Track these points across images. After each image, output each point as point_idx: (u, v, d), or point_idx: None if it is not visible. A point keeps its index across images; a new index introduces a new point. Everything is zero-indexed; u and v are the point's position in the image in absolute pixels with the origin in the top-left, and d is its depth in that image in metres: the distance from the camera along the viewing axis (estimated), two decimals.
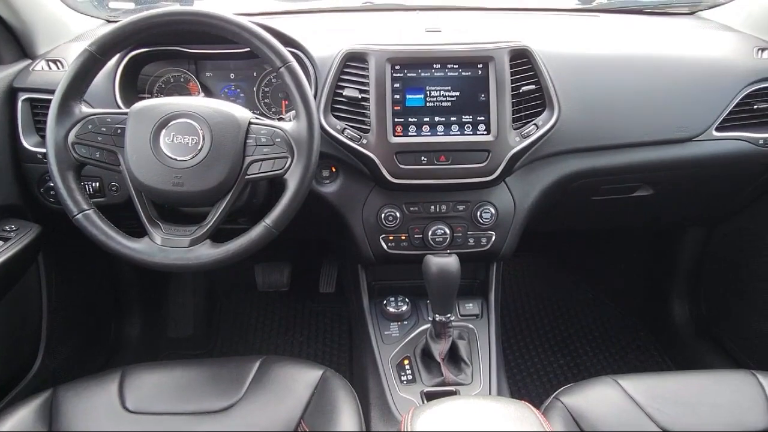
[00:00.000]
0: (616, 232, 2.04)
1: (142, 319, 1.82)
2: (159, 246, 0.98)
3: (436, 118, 1.17)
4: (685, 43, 1.42)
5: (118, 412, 0.97)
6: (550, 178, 1.28)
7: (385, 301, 1.34)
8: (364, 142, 1.15)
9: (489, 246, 1.26)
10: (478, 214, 1.23)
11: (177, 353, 1.88)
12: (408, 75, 1.16)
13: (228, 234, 1.01)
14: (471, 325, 1.31)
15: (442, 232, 1.23)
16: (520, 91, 1.16)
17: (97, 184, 1.20)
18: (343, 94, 1.16)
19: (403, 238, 1.25)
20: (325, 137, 1.15)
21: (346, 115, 1.17)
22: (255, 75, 1.32)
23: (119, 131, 0.99)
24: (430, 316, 1.21)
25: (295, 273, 2.10)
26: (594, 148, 1.27)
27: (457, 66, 1.16)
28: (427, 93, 1.16)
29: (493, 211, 1.23)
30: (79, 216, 0.97)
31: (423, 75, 1.16)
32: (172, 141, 0.97)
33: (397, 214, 1.23)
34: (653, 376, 1.10)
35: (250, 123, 1.00)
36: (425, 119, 1.17)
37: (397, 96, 1.15)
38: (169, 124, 0.98)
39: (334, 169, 1.24)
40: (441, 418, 0.77)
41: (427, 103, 1.16)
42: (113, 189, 1.20)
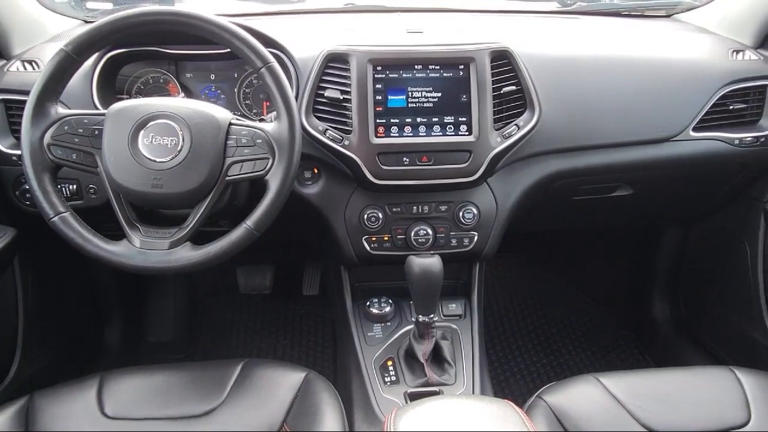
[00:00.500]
0: (597, 233, 2.07)
1: (122, 323, 1.80)
2: (138, 249, 0.96)
3: (418, 119, 1.17)
4: (663, 45, 1.44)
5: (96, 418, 0.96)
6: (532, 179, 1.29)
7: (368, 303, 1.34)
8: (346, 143, 1.15)
9: (471, 246, 1.26)
10: (461, 214, 1.23)
11: (158, 358, 1.86)
12: (390, 76, 1.16)
13: (209, 236, 1.00)
14: (454, 326, 1.31)
15: (425, 232, 1.23)
16: (501, 92, 1.17)
17: (75, 186, 1.18)
18: (325, 95, 1.15)
19: (385, 239, 1.24)
20: (307, 138, 1.15)
21: (328, 116, 1.17)
22: (236, 76, 1.31)
23: (97, 132, 0.97)
24: (413, 317, 1.21)
25: (277, 275, 2.08)
26: (574, 149, 1.28)
27: (438, 67, 1.16)
28: (409, 94, 1.16)
29: (475, 211, 1.24)
30: (55, 219, 0.96)
31: (405, 76, 1.16)
32: (151, 142, 0.96)
33: (380, 215, 1.22)
34: (634, 374, 1.12)
35: (231, 124, 0.99)
36: (407, 120, 1.17)
37: (379, 97, 1.15)
38: (148, 125, 0.97)
39: (316, 171, 1.24)
40: (423, 417, 0.77)
41: (409, 104, 1.17)
42: (91, 191, 1.18)
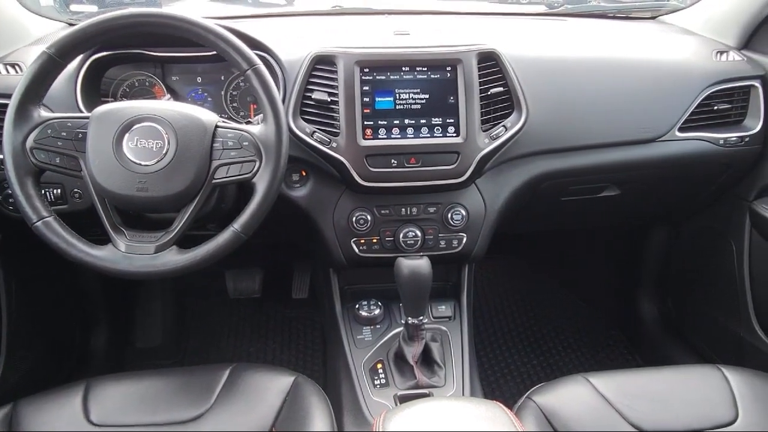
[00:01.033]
0: (586, 234, 2.08)
1: (109, 329, 1.78)
2: (123, 253, 0.95)
3: (406, 121, 1.17)
4: (649, 47, 1.45)
5: (82, 426, 0.94)
6: (520, 179, 1.29)
7: (357, 305, 1.33)
8: (334, 145, 1.15)
9: (460, 248, 1.26)
10: (449, 216, 1.23)
11: (145, 363, 1.84)
12: (377, 78, 1.16)
13: (196, 240, 1.00)
14: (444, 327, 1.31)
15: (414, 234, 1.23)
16: (489, 93, 1.17)
17: (59, 190, 1.17)
18: (312, 97, 1.15)
19: (374, 241, 1.24)
20: (295, 141, 1.14)
21: (316, 118, 1.16)
22: (222, 79, 1.30)
23: (80, 136, 0.96)
24: (402, 319, 1.20)
25: (266, 279, 2.07)
26: (562, 150, 1.29)
27: (425, 69, 1.16)
28: (397, 95, 1.16)
29: (463, 212, 1.24)
30: (38, 223, 0.94)
31: (392, 78, 1.16)
32: (136, 145, 0.95)
33: (368, 217, 1.22)
34: (623, 373, 1.12)
35: (217, 126, 0.98)
36: (395, 122, 1.16)
37: (367, 99, 1.15)
38: (133, 127, 0.96)
39: (304, 173, 1.23)
40: (412, 420, 0.77)
41: (397, 106, 1.16)
42: (75, 195, 1.17)
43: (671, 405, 1.01)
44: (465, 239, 1.26)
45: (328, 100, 1.14)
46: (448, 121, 1.17)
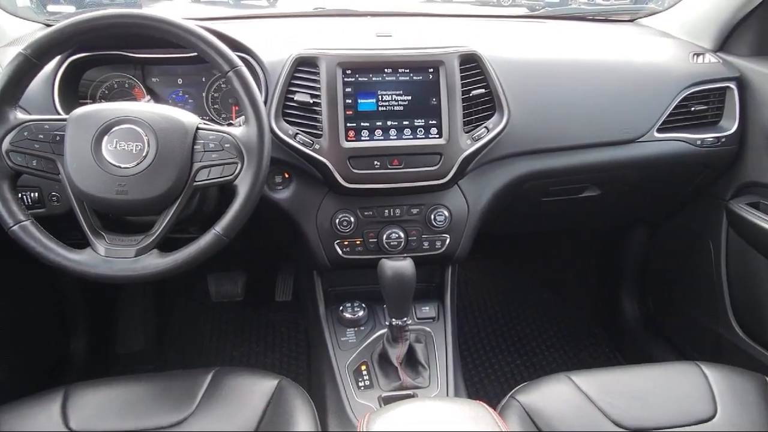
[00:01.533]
0: (568, 234, 2.10)
1: (89, 334, 1.75)
2: (103, 257, 0.94)
3: (389, 122, 1.17)
4: (627, 49, 1.47)
5: None
6: (502, 180, 1.30)
7: (341, 307, 1.33)
8: (317, 147, 1.15)
9: (443, 249, 1.27)
10: (432, 217, 1.24)
11: (126, 369, 1.81)
12: (359, 79, 1.16)
13: (178, 243, 0.98)
14: (428, 328, 1.31)
15: (397, 235, 1.23)
16: (471, 95, 1.18)
17: (36, 194, 1.14)
18: (295, 98, 1.14)
19: (357, 242, 1.24)
20: (277, 143, 1.14)
21: (298, 120, 1.16)
22: (204, 80, 1.29)
23: (58, 138, 0.95)
24: (386, 321, 1.20)
25: (250, 282, 2.06)
26: (543, 150, 1.30)
27: (408, 70, 1.17)
28: (379, 97, 1.16)
29: (446, 213, 1.24)
30: (15, 227, 0.93)
31: (374, 79, 1.16)
32: (115, 148, 0.94)
33: (352, 219, 1.22)
34: (605, 371, 1.13)
35: (198, 128, 0.97)
36: (378, 123, 1.17)
37: (349, 100, 1.15)
38: (112, 130, 0.94)
39: (287, 175, 1.23)
40: (397, 421, 0.77)
41: (379, 108, 1.16)
42: (53, 199, 1.15)
43: (652, 402, 1.02)
44: (448, 240, 1.27)
45: (311, 101, 1.14)
46: (430, 122, 1.17)
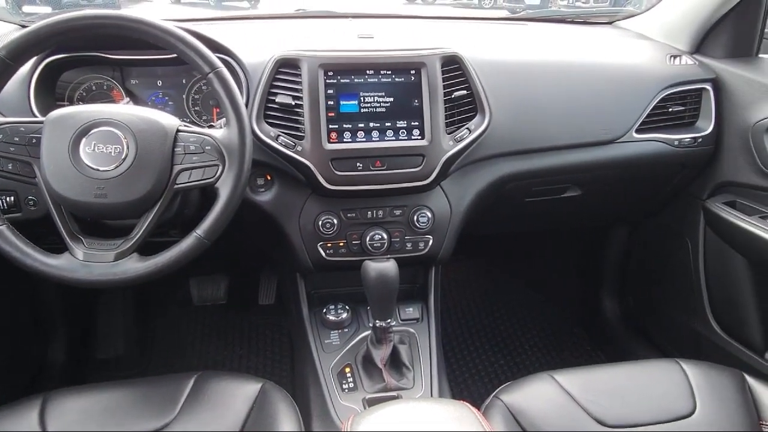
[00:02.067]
0: (550, 235, 2.12)
1: (67, 340, 1.72)
2: (81, 261, 0.93)
3: (371, 124, 1.17)
4: (606, 51, 1.50)
5: None
6: (485, 181, 1.30)
7: (324, 310, 1.32)
8: (299, 149, 1.14)
9: (426, 250, 1.27)
10: (415, 218, 1.24)
11: (107, 375, 1.78)
12: (341, 81, 1.15)
13: (158, 247, 0.97)
14: (412, 330, 1.31)
15: (380, 237, 1.23)
16: (452, 96, 1.19)
17: (12, 198, 1.12)
18: (276, 100, 1.14)
19: (341, 244, 1.24)
20: (259, 145, 1.13)
21: (280, 122, 1.15)
22: (184, 82, 1.28)
23: (34, 141, 0.93)
24: (370, 323, 1.20)
25: (232, 285, 2.04)
26: (525, 151, 1.31)
27: (390, 72, 1.17)
28: (361, 99, 1.16)
29: (429, 215, 1.24)
30: None
31: (356, 81, 1.16)
32: (94, 150, 0.92)
33: (335, 221, 1.22)
34: (586, 369, 1.14)
35: (178, 130, 0.96)
36: (360, 125, 1.16)
37: (331, 102, 1.15)
38: (90, 132, 0.93)
39: (269, 177, 1.22)
40: (381, 422, 0.76)
41: (362, 109, 1.16)
42: (30, 203, 1.12)
43: (633, 399, 1.03)
44: (431, 241, 1.27)
45: (293, 103, 1.14)
46: (412, 124, 1.18)
